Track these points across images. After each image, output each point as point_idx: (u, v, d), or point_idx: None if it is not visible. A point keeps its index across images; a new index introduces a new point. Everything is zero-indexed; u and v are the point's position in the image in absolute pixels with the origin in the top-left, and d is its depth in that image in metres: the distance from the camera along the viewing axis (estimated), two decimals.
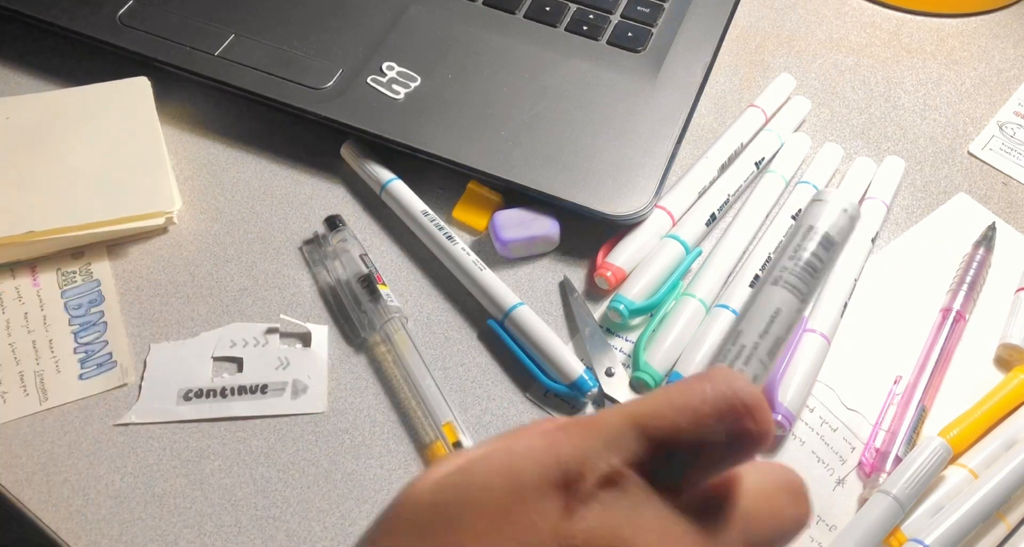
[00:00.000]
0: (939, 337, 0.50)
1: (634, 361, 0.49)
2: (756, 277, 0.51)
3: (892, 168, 0.56)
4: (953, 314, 0.51)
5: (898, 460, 0.45)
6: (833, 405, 0.49)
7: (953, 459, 0.46)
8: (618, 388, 0.48)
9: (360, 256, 0.51)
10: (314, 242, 0.53)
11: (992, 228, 0.54)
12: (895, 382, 0.49)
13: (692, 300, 0.50)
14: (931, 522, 0.43)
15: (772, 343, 0.29)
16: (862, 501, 0.46)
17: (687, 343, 0.49)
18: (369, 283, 0.50)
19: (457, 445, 0.46)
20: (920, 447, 0.46)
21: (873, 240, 0.54)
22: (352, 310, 0.50)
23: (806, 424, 0.48)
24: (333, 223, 0.53)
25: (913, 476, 0.44)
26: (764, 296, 0.29)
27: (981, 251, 0.53)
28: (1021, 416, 0.48)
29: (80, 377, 0.48)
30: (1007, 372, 0.50)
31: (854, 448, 0.47)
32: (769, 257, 0.52)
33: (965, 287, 0.51)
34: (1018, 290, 0.52)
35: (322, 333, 0.49)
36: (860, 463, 0.47)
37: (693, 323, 0.50)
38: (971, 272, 0.52)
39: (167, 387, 0.48)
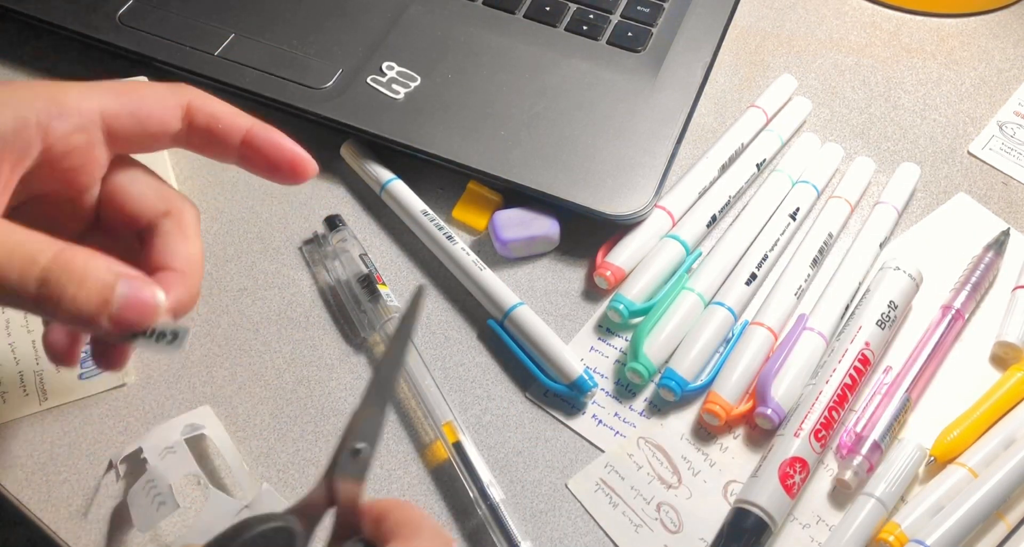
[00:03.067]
0: (935, 332, 0.50)
1: (632, 352, 0.49)
2: (752, 276, 0.51)
3: (907, 174, 0.56)
4: (953, 312, 0.51)
5: (875, 445, 0.46)
6: None
7: (952, 458, 0.46)
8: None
9: (360, 256, 0.51)
10: (314, 242, 0.53)
11: (1006, 234, 0.54)
12: (885, 372, 0.49)
13: (691, 294, 0.50)
14: (932, 522, 0.43)
15: None
16: (836, 482, 0.46)
17: (683, 337, 0.49)
18: (369, 283, 0.50)
19: (457, 445, 0.46)
20: (897, 450, 0.46)
21: (882, 245, 0.54)
22: (352, 310, 0.50)
23: None
24: (333, 223, 0.53)
25: (893, 478, 0.45)
26: None
27: (990, 255, 0.53)
28: (1018, 414, 0.48)
29: (80, 377, 0.48)
30: (1003, 370, 0.50)
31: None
32: (766, 256, 0.52)
33: (969, 287, 0.51)
34: (1015, 288, 0.52)
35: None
36: (838, 444, 0.47)
37: (690, 318, 0.50)
38: (977, 273, 0.52)
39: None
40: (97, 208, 0.38)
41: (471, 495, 0.45)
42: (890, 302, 0.49)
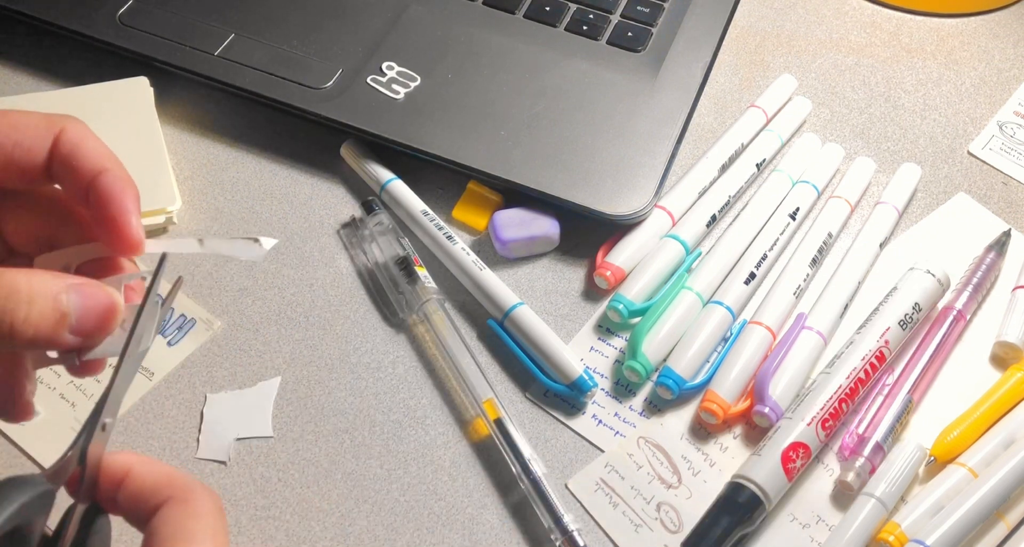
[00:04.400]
0: (936, 333, 0.50)
1: (630, 350, 0.49)
2: (752, 275, 0.51)
3: (908, 174, 0.56)
4: (955, 313, 0.51)
5: (878, 447, 0.46)
6: None
7: (953, 458, 0.46)
8: None
9: (398, 239, 0.51)
10: (351, 225, 0.53)
11: (1007, 234, 0.54)
12: (887, 373, 0.49)
13: (689, 293, 0.50)
14: (932, 522, 0.43)
15: None
16: (838, 483, 0.46)
17: (681, 336, 0.50)
18: (407, 265, 0.50)
19: (498, 422, 0.46)
20: (898, 450, 0.46)
21: (882, 245, 0.54)
22: (390, 292, 0.51)
23: None
24: (369, 207, 0.53)
25: (893, 478, 0.45)
26: None
27: (992, 255, 0.53)
28: (1018, 414, 0.48)
29: (168, 345, 0.49)
30: (1003, 370, 0.50)
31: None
32: (765, 255, 0.52)
33: (970, 288, 0.51)
34: (1015, 288, 0.52)
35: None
36: (840, 446, 0.47)
37: (689, 317, 0.50)
38: (978, 274, 0.52)
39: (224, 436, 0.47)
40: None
41: (513, 470, 0.45)
42: (915, 304, 0.49)
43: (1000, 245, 0.53)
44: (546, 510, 0.44)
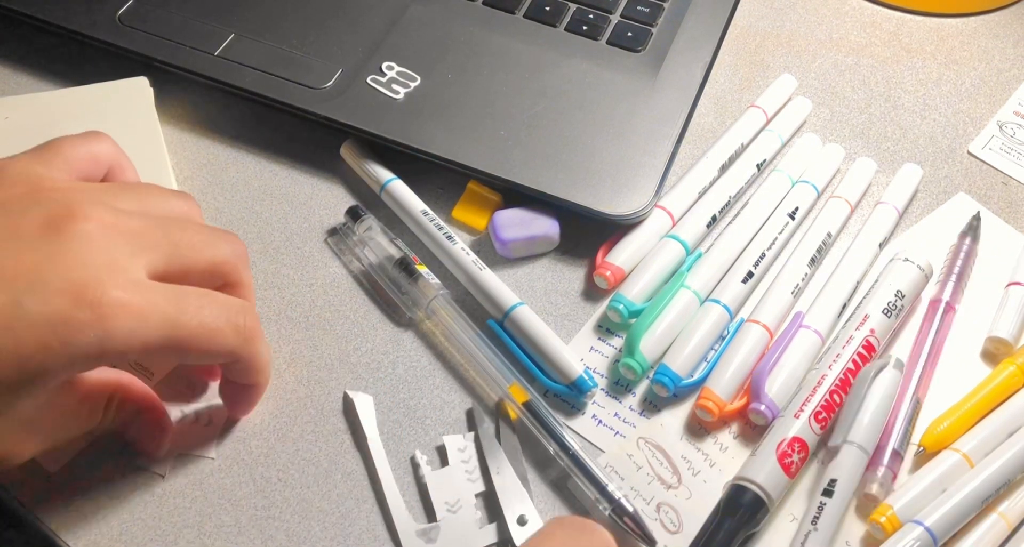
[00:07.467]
0: (930, 329, 0.50)
1: (627, 348, 0.49)
2: (749, 273, 0.51)
3: (909, 175, 0.56)
4: (943, 305, 0.51)
5: (895, 454, 0.46)
6: None
7: (941, 450, 0.47)
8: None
9: (392, 240, 0.51)
10: (339, 233, 0.53)
11: (977, 218, 0.54)
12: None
13: (687, 292, 0.50)
14: (929, 506, 0.44)
15: None
16: (863, 497, 0.45)
17: (677, 334, 0.50)
18: (406, 265, 0.50)
19: (527, 404, 0.46)
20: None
21: (881, 245, 0.54)
22: (393, 293, 0.51)
23: None
24: (355, 213, 0.53)
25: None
26: None
27: (967, 241, 0.53)
28: (1013, 405, 0.48)
29: None
30: (993, 365, 0.50)
31: None
32: (763, 254, 0.52)
33: (954, 278, 0.52)
34: (1008, 285, 0.53)
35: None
36: None
37: (686, 315, 0.50)
38: (959, 263, 0.52)
39: None
40: None
41: (550, 449, 0.46)
42: (897, 292, 0.50)
43: (972, 230, 0.54)
44: (590, 482, 0.45)
